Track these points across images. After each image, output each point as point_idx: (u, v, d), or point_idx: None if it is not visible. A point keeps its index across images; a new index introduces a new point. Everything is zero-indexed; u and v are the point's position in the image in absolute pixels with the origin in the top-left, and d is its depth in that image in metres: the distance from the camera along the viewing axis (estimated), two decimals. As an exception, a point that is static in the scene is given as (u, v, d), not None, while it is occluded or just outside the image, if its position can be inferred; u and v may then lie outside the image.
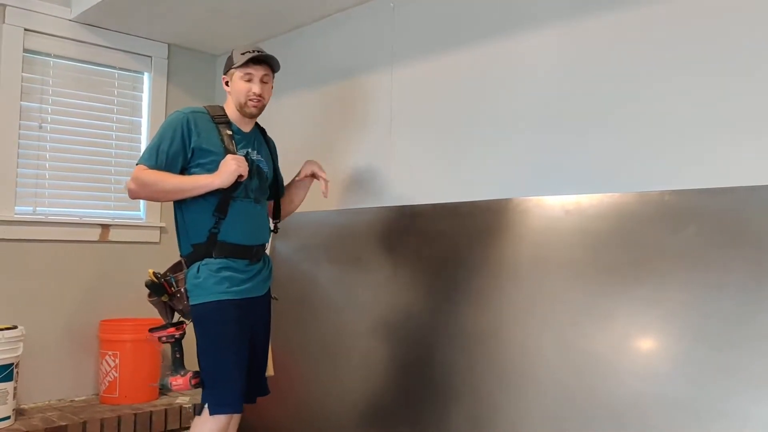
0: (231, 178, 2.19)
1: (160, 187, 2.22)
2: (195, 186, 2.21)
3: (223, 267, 2.22)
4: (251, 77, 2.30)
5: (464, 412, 2.24)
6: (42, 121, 3.34)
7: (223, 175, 2.18)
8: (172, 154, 2.22)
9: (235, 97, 2.33)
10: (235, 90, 2.32)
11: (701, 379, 1.75)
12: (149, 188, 2.24)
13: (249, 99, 2.30)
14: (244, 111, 2.32)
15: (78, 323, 3.38)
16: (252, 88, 2.29)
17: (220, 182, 2.19)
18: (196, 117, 2.28)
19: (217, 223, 2.23)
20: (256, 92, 2.29)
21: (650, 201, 1.96)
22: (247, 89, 2.29)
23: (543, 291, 2.13)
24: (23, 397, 3.13)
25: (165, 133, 2.24)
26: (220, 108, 2.36)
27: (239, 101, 2.31)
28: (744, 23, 1.92)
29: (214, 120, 2.30)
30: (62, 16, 3.35)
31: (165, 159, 2.21)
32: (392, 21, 2.96)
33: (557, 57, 2.36)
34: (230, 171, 2.18)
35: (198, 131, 2.25)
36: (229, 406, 2.18)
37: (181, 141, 2.23)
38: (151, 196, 2.37)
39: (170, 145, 2.22)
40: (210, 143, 2.25)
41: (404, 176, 2.85)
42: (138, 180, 2.22)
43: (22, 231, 3.23)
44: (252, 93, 2.29)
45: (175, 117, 2.28)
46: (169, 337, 2.26)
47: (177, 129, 2.23)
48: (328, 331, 2.78)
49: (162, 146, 2.22)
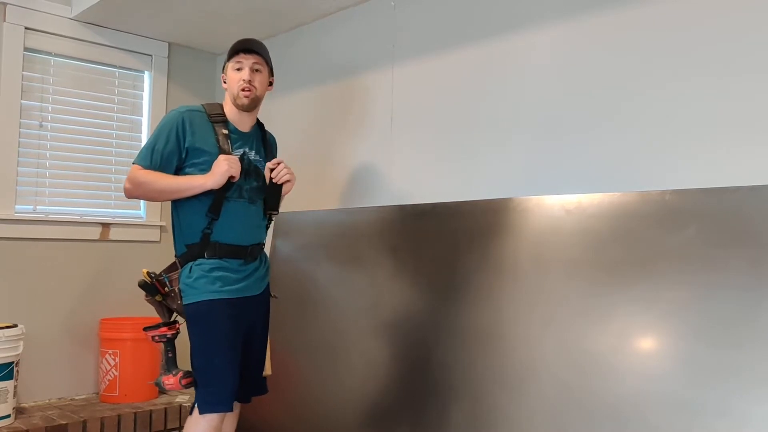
0: (222, 180, 2.18)
1: (154, 187, 2.23)
2: (189, 186, 2.21)
3: (216, 267, 2.22)
4: (241, 65, 2.32)
5: (464, 411, 2.23)
6: (42, 120, 3.34)
7: (215, 176, 2.18)
8: (167, 153, 2.22)
9: (228, 89, 2.34)
10: (228, 83, 2.34)
11: (702, 378, 1.75)
12: (144, 188, 2.24)
13: (240, 88, 2.30)
14: (237, 103, 2.32)
15: (78, 322, 3.38)
16: (242, 76, 2.30)
17: (212, 183, 2.18)
18: (192, 116, 2.27)
19: (210, 224, 2.23)
20: (245, 78, 2.29)
21: (651, 200, 1.96)
22: (238, 78, 2.30)
23: (543, 290, 2.13)
24: (23, 395, 3.14)
25: (160, 133, 2.24)
26: (219, 106, 2.35)
27: (232, 93, 2.32)
28: (745, 23, 1.92)
29: (210, 119, 2.29)
30: (63, 15, 3.36)
31: (160, 159, 2.21)
32: (393, 20, 2.96)
33: (558, 56, 2.36)
34: (221, 172, 2.18)
35: (193, 130, 2.24)
36: (219, 405, 2.17)
37: (176, 141, 2.23)
38: (146, 196, 2.36)
39: (165, 144, 2.22)
40: (204, 143, 2.25)
41: (405, 175, 2.85)
42: (133, 179, 2.23)
43: (22, 230, 3.23)
44: (241, 80, 2.29)
45: (170, 116, 2.28)
46: (161, 337, 2.26)
47: (172, 129, 2.23)
48: (328, 330, 2.78)
49: (157, 146, 2.22)
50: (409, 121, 2.86)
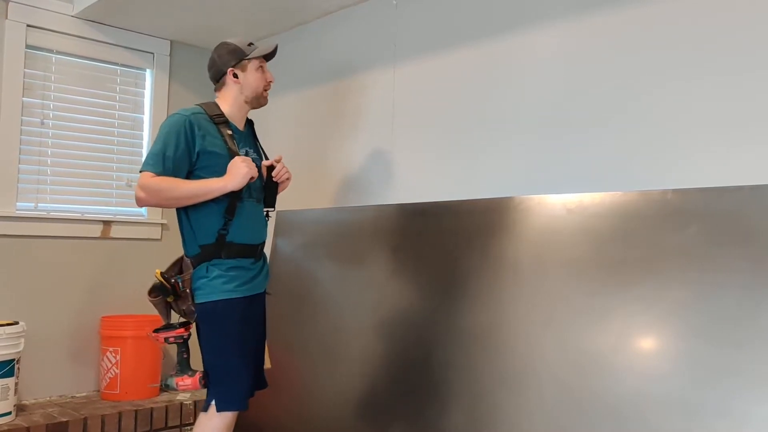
0: (243, 181, 2.16)
1: (171, 194, 2.16)
2: (208, 191, 2.16)
3: (233, 267, 2.22)
4: (264, 65, 2.38)
5: (463, 409, 2.23)
6: (44, 117, 3.34)
7: (236, 178, 2.16)
8: (178, 159, 2.16)
9: (250, 88, 2.34)
10: (249, 81, 2.33)
11: (702, 378, 1.75)
12: (160, 195, 2.17)
13: (265, 88, 2.37)
14: (258, 103, 2.38)
15: (79, 319, 3.39)
16: (268, 77, 2.38)
17: (233, 185, 2.16)
18: (198, 119, 2.22)
19: (225, 224, 2.21)
20: (272, 79, 2.40)
21: (652, 200, 1.96)
22: (264, 79, 2.37)
23: (544, 289, 2.13)
24: (24, 392, 3.14)
25: (168, 138, 2.17)
26: (216, 106, 2.32)
27: (256, 92, 2.35)
28: (745, 23, 1.91)
29: (213, 120, 2.26)
30: (65, 12, 3.36)
31: (172, 165, 2.15)
32: (395, 18, 2.95)
33: (560, 56, 2.35)
34: (242, 174, 2.16)
35: (202, 134, 2.20)
36: (236, 403, 2.19)
37: (186, 145, 2.17)
38: (162, 203, 2.29)
39: (175, 150, 2.15)
40: (214, 145, 2.22)
41: (405, 174, 2.85)
42: (147, 188, 2.15)
43: (23, 227, 3.23)
44: (268, 82, 2.38)
45: (176, 120, 2.20)
46: (177, 338, 2.25)
47: (181, 133, 2.17)
48: (327, 328, 2.78)
49: (167, 152, 2.15)
50: (410, 119, 2.86)
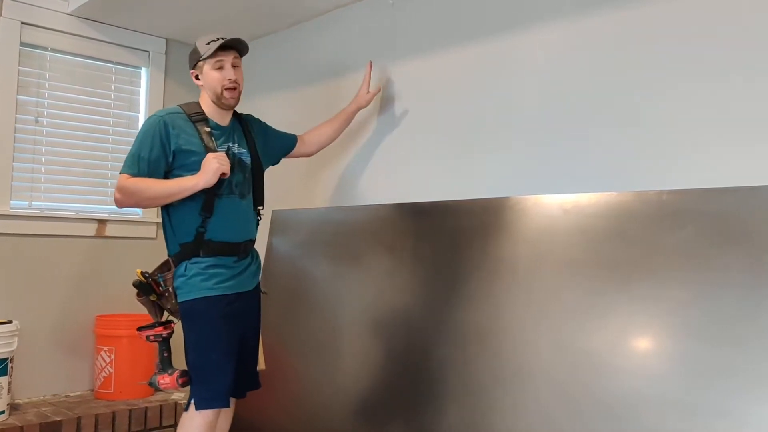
0: (214, 178, 2.17)
1: (146, 195, 2.21)
2: (181, 189, 2.19)
3: (211, 265, 2.22)
4: (222, 64, 2.27)
5: (459, 409, 2.23)
6: (38, 115, 3.32)
7: (207, 175, 2.16)
8: (154, 160, 2.19)
9: (210, 89, 2.30)
10: (208, 82, 2.29)
11: (700, 378, 1.75)
12: (135, 197, 2.22)
13: (225, 87, 2.27)
14: (221, 103, 2.30)
15: (73, 318, 3.37)
16: (226, 75, 2.27)
17: (204, 182, 2.17)
18: (173, 118, 2.24)
19: (203, 222, 2.22)
20: (231, 77, 2.27)
21: (648, 200, 1.96)
22: (221, 78, 2.27)
23: (541, 290, 2.13)
24: (18, 392, 3.12)
25: (144, 140, 2.20)
26: (196, 104, 2.33)
27: (215, 92, 2.28)
28: (745, 23, 1.92)
29: (191, 118, 2.27)
30: (60, 10, 3.34)
31: (147, 166, 2.19)
32: (391, 18, 2.95)
33: (556, 56, 2.36)
34: (212, 170, 2.16)
35: (177, 133, 2.22)
36: (215, 401, 2.18)
37: (161, 146, 2.19)
38: (138, 204, 2.35)
39: (150, 151, 2.19)
40: (190, 143, 2.23)
41: (403, 173, 2.85)
42: (123, 189, 2.20)
43: (17, 225, 3.21)
44: (227, 80, 2.26)
45: (151, 122, 2.24)
46: (156, 336, 2.26)
47: (155, 134, 2.20)
48: (325, 328, 2.77)
49: (142, 153, 2.19)
50: (406, 119, 2.86)
